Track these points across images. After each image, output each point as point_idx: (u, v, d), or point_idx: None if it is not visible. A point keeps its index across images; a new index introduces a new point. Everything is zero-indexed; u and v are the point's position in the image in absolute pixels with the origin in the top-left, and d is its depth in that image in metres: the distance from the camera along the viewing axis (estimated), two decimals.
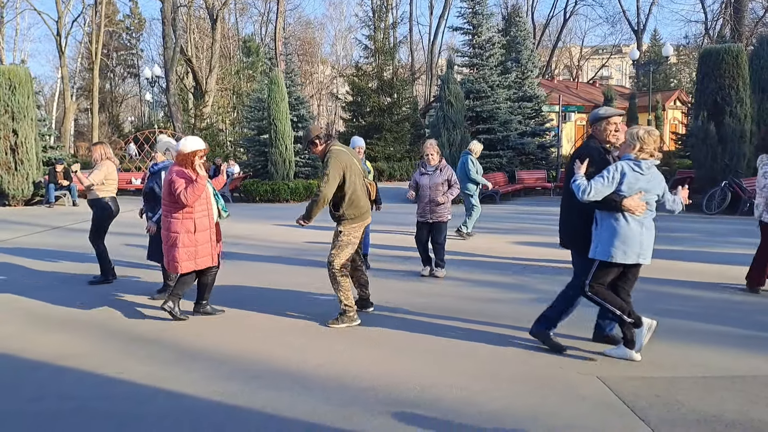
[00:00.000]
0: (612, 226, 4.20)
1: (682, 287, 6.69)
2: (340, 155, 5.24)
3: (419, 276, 7.40)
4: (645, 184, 4.16)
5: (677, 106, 34.86)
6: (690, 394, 3.79)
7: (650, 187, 4.19)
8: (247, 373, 4.23)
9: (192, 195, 5.20)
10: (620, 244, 4.17)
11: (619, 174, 4.12)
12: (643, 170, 4.15)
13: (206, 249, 5.45)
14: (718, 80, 14.47)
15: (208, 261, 5.49)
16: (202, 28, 40.54)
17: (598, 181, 4.12)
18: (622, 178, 4.12)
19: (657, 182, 4.24)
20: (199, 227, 5.37)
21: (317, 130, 5.37)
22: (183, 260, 5.33)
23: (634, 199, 4.14)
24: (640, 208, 4.15)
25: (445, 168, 7.57)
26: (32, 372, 4.33)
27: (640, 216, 4.17)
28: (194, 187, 5.22)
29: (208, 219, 5.47)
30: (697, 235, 10.69)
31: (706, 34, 34.56)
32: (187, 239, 5.32)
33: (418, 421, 3.48)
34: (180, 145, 5.40)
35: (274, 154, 18.75)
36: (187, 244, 5.32)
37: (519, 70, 24.41)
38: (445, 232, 7.55)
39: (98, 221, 7.14)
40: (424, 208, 7.50)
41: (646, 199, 4.20)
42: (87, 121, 53.24)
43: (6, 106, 16.91)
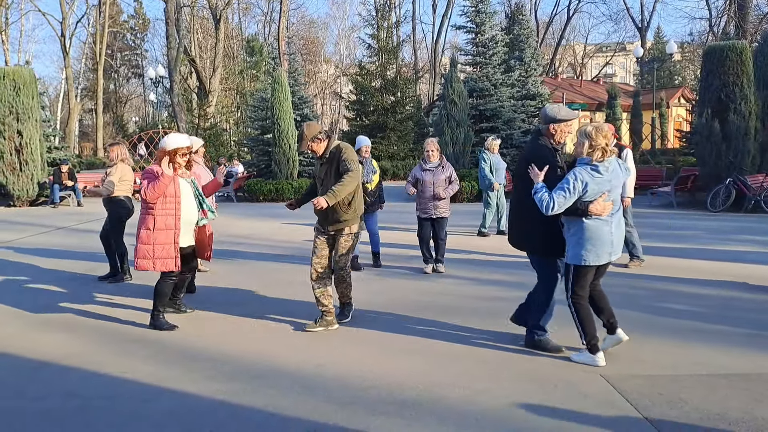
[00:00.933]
0: (581, 229, 4.16)
1: (686, 285, 6.66)
2: (351, 148, 5.28)
3: (422, 274, 7.40)
4: (607, 184, 4.13)
5: (681, 103, 34.76)
6: (694, 393, 3.78)
7: (612, 186, 4.17)
8: (249, 373, 4.24)
9: (151, 192, 5.03)
10: (591, 247, 4.14)
11: (581, 184, 4.05)
12: (602, 172, 4.10)
13: (167, 251, 5.13)
14: (723, 77, 14.40)
15: (170, 264, 5.15)
16: (206, 28, 40.66)
17: (560, 195, 4.06)
18: (585, 187, 4.06)
19: (617, 178, 4.19)
20: (159, 225, 5.11)
21: (319, 126, 5.25)
22: (139, 257, 5.12)
23: (599, 202, 4.10)
24: (607, 209, 4.13)
25: (447, 165, 7.62)
26: (36, 371, 4.34)
27: (606, 216, 4.15)
28: (155, 184, 5.04)
29: (173, 219, 5.15)
30: (701, 232, 10.65)
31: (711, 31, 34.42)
32: (144, 236, 5.12)
33: (420, 421, 3.48)
34: (162, 143, 5.27)
35: (278, 154, 18.76)
36: (144, 241, 5.11)
37: (522, 68, 24.37)
38: (446, 227, 7.61)
39: (115, 219, 7.24)
40: (427, 204, 7.50)
41: (611, 198, 4.18)
42: (91, 121, 53.46)
43: (11, 107, 16.96)
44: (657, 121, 28.50)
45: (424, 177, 7.55)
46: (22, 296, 6.51)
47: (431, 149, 7.57)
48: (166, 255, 5.12)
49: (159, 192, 5.05)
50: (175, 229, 5.16)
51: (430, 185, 7.47)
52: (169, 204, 5.15)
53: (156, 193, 5.04)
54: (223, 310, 5.89)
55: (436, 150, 7.60)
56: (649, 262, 7.66)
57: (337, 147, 5.15)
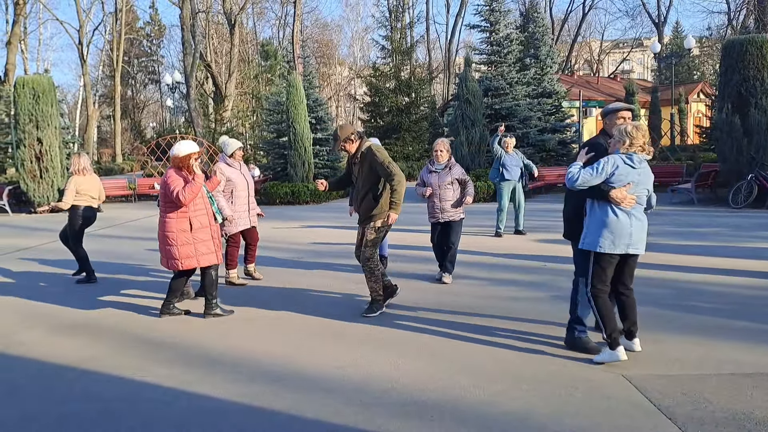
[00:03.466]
0: (600, 216, 4.21)
1: (709, 283, 6.57)
2: (383, 148, 5.60)
3: (432, 278, 7.35)
4: (635, 177, 4.16)
5: (701, 98, 34.33)
6: (718, 392, 3.72)
7: (640, 181, 4.19)
8: (269, 375, 4.24)
9: (190, 194, 5.35)
10: (608, 234, 4.17)
11: (610, 167, 4.12)
12: (635, 164, 4.16)
13: (207, 246, 5.57)
14: (743, 72, 14.20)
15: (212, 258, 5.60)
16: (221, 33, 40.97)
17: (587, 171, 4.14)
18: (614, 170, 4.13)
19: (647, 177, 4.24)
20: (196, 225, 5.50)
21: (351, 128, 5.61)
22: (183, 257, 5.48)
23: (621, 191, 4.14)
24: (627, 200, 4.15)
25: (454, 166, 7.25)
26: (58, 375, 4.39)
27: (628, 208, 4.17)
28: (191, 186, 5.37)
29: (207, 217, 5.61)
30: (724, 229, 10.50)
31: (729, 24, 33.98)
32: (183, 237, 5.45)
33: (440, 422, 3.46)
34: (174, 150, 5.52)
35: (294, 157, 18.83)
36: (183, 243, 5.45)
37: (538, 66, 24.23)
38: (460, 231, 7.22)
39: (73, 227, 7.45)
40: (433, 208, 7.20)
41: (636, 192, 4.18)
42: (109, 127, 54.09)
43: (30, 115, 17.20)
44: (676, 117, 28.19)
45: (429, 179, 7.26)
46: (43, 301, 6.58)
47: (440, 149, 7.22)
48: (207, 250, 5.55)
49: (195, 193, 5.39)
50: (210, 226, 5.63)
51: (436, 188, 7.16)
52: (199, 204, 5.55)
53: (194, 193, 5.38)
54: (243, 312, 5.91)
55: (446, 151, 7.25)
56: (670, 259, 7.56)
57: (368, 148, 5.49)
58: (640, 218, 4.24)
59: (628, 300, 4.38)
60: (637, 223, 4.21)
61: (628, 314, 4.40)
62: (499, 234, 10.44)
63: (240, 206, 6.97)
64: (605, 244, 4.17)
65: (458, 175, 7.22)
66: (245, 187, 7.05)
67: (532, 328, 5.11)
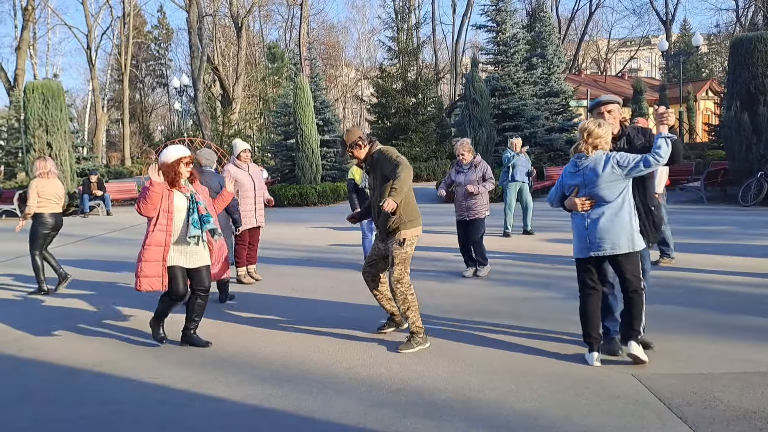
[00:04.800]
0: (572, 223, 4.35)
1: (718, 281, 6.54)
2: (392, 148, 4.95)
3: (447, 276, 7.37)
4: (581, 178, 4.17)
5: (709, 96, 34.13)
6: (729, 391, 3.71)
7: (588, 179, 4.13)
8: (280, 377, 4.27)
9: (143, 204, 4.71)
10: (575, 240, 4.30)
11: (560, 180, 4.29)
12: (575, 167, 4.21)
13: (153, 269, 4.75)
14: (751, 69, 14.14)
15: (155, 284, 4.76)
16: (228, 37, 41.11)
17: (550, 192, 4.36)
18: (559, 183, 4.29)
19: (593, 171, 4.10)
20: (149, 242, 4.78)
21: (359, 131, 4.92)
22: (136, 275, 4.81)
23: (570, 199, 4.23)
24: (578, 205, 4.17)
25: (479, 164, 7.44)
26: (71, 378, 4.43)
27: (585, 211, 4.17)
28: (145, 195, 4.71)
29: (164, 235, 4.78)
30: (734, 227, 10.45)
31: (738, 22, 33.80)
32: (139, 252, 4.84)
33: (450, 423, 3.47)
34: (162, 157, 4.93)
35: (301, 159, 18.90)
36: (139, 258, 4.81)
37: (545, 65, 24.20)
38: (483, 229, 7.40)
39: (32, 234, 7.26)
40: (461, 206, 7.41)
41: (586, 194, 4.14)
42: (118, 131, 54.37)
43: (40, 119, 17.34)
44: (684, 115, 28.03)
45: (458, 179, 7.47)
46: (56, 305, 6.64)
47: (461, 152, 7.43)
48: (153, 273, 4.74)
49: (151, 203, 4.69)
50: (165, 246, 4.79)
51: (462, 187, 7.38)
52: (162, 219, 4.79)
53: (148, 204, 4.69)
54: (254, 314, 5.95)
55: (467, 152, 7.43)
56: (680, 258, 7.54)
57: (378, 151, 4.86)
58: (601, 217, 4.10)
59: (630, 301, 4.23)
60: (596, 223, 4.11)
61: (626, 315, 4.26)
62: (507, 234, 10.44)
63: (247, 206, 7.16)
64: (575, 250, 4.32)
65: (482, 171, 7.41)
66: (252, 187, 7.25)
67: (541, 328, 5.11)
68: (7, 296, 7.22)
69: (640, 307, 4.22)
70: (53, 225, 7.34)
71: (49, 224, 7.29)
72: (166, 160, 4.86)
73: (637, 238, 4.16)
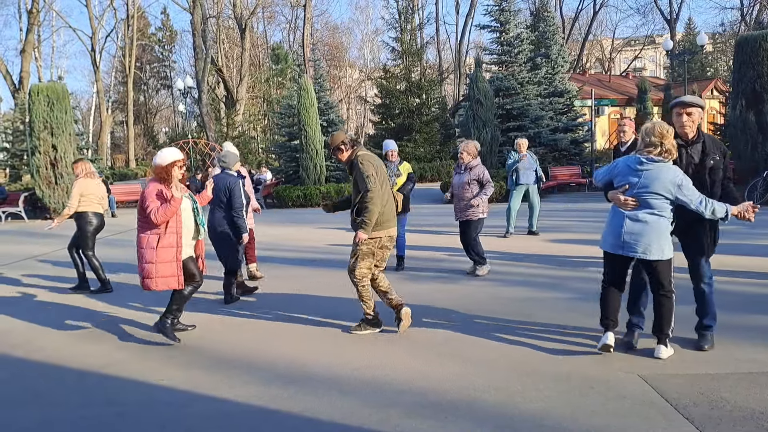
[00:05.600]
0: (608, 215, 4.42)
1: (725, 281, 6.51)
2: (370, 158, 5.17)
3: (451, 276, 7.36)
4: (637, 179, 4.16)
5: (714, 95, 34.00)
6: (735, 391, 3.69)
7: (644, 183, 4.13)
8: (285, 378, 4.27)
9: (162, 215, 4.91)
10: (606, 233, 4.37)
11: (615, 167, 4.33)
12: (637, 166, 4.17)
13: (168, 269, 5.00)
14: (756, 68, 14.10)
15: (173, 282, 5.03)
16: (232, 38, 41.18)
17: (600, 168, 4.42)
18: (613, 170, 4.34)
19: (654, 180, 4.09)
20: (162, 244, 4.99)
21: (342, 136, 5.22)
22: (144, 277, 5.02)
23: (615, 192, 4.26)
24: (620, 202, 4.20)
25: (474, 168, 7.38)
26: (77, 380, 4.44)
27: (627, 210, 4.19)
28: (165, 209, 4.92)
29: (175, 237, 5.05)
30: (740, 227, 10.39)
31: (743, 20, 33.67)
32: (148, 255, 5.00)
33: (456, 423, 3.46)
34: (157, 158, 5.12)
35: (305, 160, 18.92)
36: (148, 260, 5.00)
37: (549, 65, 24.16)
38: (478, 229, 7.39)
39: (82, 234, 7.35)
40: (456, 207, 7.48)
41: (635, 194, 4.16)
42: (123, 133, 54.58)
43: (45, 122, 17.39)
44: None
45: (454, 180, 7.59)
46: (62, 307, 6.66)
47: (461, 151, 7.51)
48: (169, 273, 5.01)
49: (170, 215, 4.95)
50: (177, 247, 5.05)
51: (456, 188, 7.46)
52: (171, 223, 5.04)
53: (167, 216, 4.94)
54: (258, 315, 5.95)
55: (466, 153, 7.42)
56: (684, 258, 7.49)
57: (356, 158, 5.11)
58: (641, 221, 4.14)
59: (658, 304, 4.34)
60: (634, 226, 4.15)
61: (656, 318, 4.38)
62: (506, 235, 10.39)
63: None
64: (605, 243, 4.38)
65: (476, 175, 7.36)
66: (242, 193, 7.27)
67: (547, 328, 5.10)
68: (15, 297, 7.24)
69: (670, 310, 4.30)
70: (98, 224, 7.47)
71: (95, 223, 7.41)
72: (161, 163, 5.07)
73: (667, 248, 4.20)
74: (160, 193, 4.99)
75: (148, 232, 5.03)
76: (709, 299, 4.50)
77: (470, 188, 7.34)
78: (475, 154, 7.50)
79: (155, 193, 5.00)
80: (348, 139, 5.20)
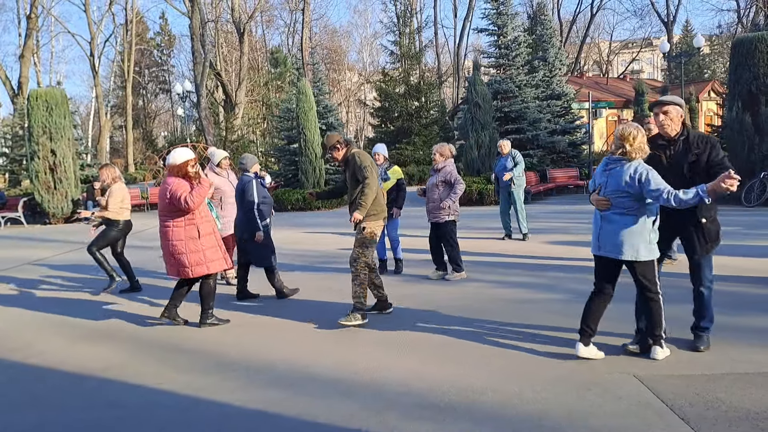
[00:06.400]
0: None
1: (722, 282, 6.52)
2: (364, 155, 5.66)
3: (449, 279, 7.37)
4: (602, 179, 4.29)
5: (712, 97, 34.08)
6: (731, 392, 3.72)
7: (610, 183, 4.22)
8: (285, 381, 4.29)
9: (198, 198, 5.34)
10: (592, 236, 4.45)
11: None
12: (605, 167, 4.31)
13: (215, 253, 5.57)
14: (753, 69, 14.15)
15: (221, 264, 5.62)
16: (230, 42, 41.23)
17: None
18: (594, 175, 4.48)
19: (617, 179, 4.16)
20: (203, 231, 5.50)
21: (338, 136, 5.69)
22: (193, 265, 5.45)
23: (593, 195, 4.36)
24: (595, 202, 4.31)
25: (443, 169, 7.41)
26: (76, 384, 4.46)
27: (601, 211, 4.28)
28: (199, 190, 5.38)
29: (211, 224, 5.65)
30: (737, 228, 10.44)
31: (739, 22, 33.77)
32: (192, 245, 5.45)
33: (454, 425, 3.49)
34: (170, 159, 5.51)
35: (305, 163, 18.94)
36: (193, 250, 5.45)
37: (546, 68, 24.21)
38: (449, 233, 7.34)
39: (110, 237, 7.48)
40: (426, 208, 7.56)
41: (606, 194, 4.23)
42: (122, 138, 54.58)
43: (44, 127, 17.42)
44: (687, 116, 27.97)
45: (427, 181, 7.67)
46: (62, 311, 6.67)
47: (434, 152, 7.58)
48: (216, 257, 5.56)
49: (203, 197, 5.39)
50: (215, 232, 5.65)
51: (428, 189, 7.55)
52: (204, 210, 5.58)
53: (202, 197, 5.37)
54: (258, 318, 5.97)
55: (439, 154, 7.48)
56: (682, 259, 7.50)
57: (351, 154, 5.62)
58: (610, 220, 4.21)
59: (645, 305, 4.34)
60: (607, 226, 4.22)
61: (647, 321, 4.36)
62: (503, 237, 10.38)
63: (229, 212, 7.39)
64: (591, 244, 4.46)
65: (443, 176, 7.37)
66: (233, 194, 7.46)
67: (543, 330, 5.13)
68: (13, 302, 7.25)
69: (657, 312, 4.27)
70: (127, 231, 7.63)
71: (124, 230, 7.57)
72: (174, 162, 5.45)
73: (643, 248, 4.15)
74: (182, 181, 5.38)
75: (183, 224, 5.39)
76: (707, 302, 4.50)
77: (438, 189, 7.36)
78: (448, 156, 7.53)
79: (178, 182, 5.36)
80: (342, 139, 5.70)
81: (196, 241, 5.44)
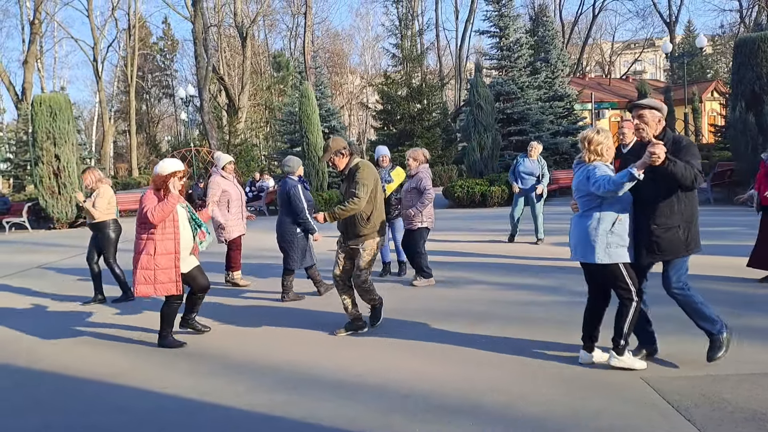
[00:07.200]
0: None
1: (726, 283, 6.53)
2: (371, 167, 5.30)
3: (456, 282, 7.36)
4: (574, 183, 4.31)
5: (715, 97, 34.04)
6: (737, 392, 3.70)
7: (574, 185, 4.29)
8: (289, 385, 4.29)
9: (159, 213, 4.98)
10: None
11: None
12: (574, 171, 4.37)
13: (168, 275, 5.10)
14: (756, 69, 14.12)
15: (171, 288, 5.12)
16: (233, 46, 41.34)
17: None
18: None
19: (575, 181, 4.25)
20: (159, 250, 5.07)
21: (344, 142, 5.31)
22: (140, 283, 5.09)
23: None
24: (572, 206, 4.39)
25: (416, 175, 7.26)
26: (81, 388, 4.46)
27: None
28: (162, 206, 5.00)
29: (173, 243, 5.12)
30: (741, 228, 10.41)
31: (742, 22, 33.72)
32: (145, 261, 5.07)
33: (459, 427, 3.48)
34: (158, 168, 5.24)
35: (307, 166, 18.93)
36: (145, 267, 5.07)
37: (549, 69, 24.23)
38: (419, 240, 7.20)
39: (108, 243, 7.32)
40: (401, 214, 7.47)
41: (576, 197, 4.29)
42: (125, 142, 54.72)
43: (48, 132, 17.46)
44: (690, 116, 27.95)
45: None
46: (67, 315, 6.69)
47: (407, 157, 7.41)
48: (167, 279, 5.10)
49: (167, 213, 5.01)
50: (176, 254, 5.13)
51: (402, 195, 7.47)
52: (169, 228, 5.12)
53: (164, 213, 5.00)
54: (262, 323, 5.97)
55: (412, 159, 7.34)
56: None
57: (355, 165, 5.26)
58: (576, 223, 4.27)
59: (618, 309, 4.17)
60: (573, 229, 4.30)
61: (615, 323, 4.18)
62: (508, 239, 10.33)
63: (236, 214, 7.63)
64: None
65: (415, 183, 7.22)
66: (239, 196, 7.74)
67: (549, 332, 5.12)
68: (18, 307, 7.27)
69: (623, 316, 4.10)
70: (119, 230, 7.52)
71: (117, 229, 7.46)
72: (161, 172, 5.17)
73: (601, 251, 4.03)
74: (156, 194, 5.15)
75: (145, 237, 5.13)
76: (691, 307, 4.19)
77: (409, 196, 7.22)
78: (422, 161, 7.33)
79: (152, 194, 5.16)
80: (347, 147, 5.32)
81: (150, 258, 5.07)
